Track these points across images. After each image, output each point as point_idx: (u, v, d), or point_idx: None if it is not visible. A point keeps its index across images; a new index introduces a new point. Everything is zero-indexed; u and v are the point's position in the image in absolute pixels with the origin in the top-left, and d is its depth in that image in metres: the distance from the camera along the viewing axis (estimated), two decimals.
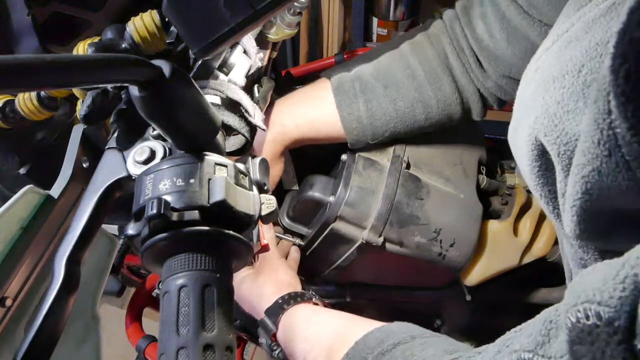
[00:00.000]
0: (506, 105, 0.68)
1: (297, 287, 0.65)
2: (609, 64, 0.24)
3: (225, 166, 0.39)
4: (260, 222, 0.42)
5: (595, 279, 0.24)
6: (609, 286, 0.23)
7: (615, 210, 0.29)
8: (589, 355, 0.23)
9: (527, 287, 0.79)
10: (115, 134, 0.44)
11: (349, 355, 0.47)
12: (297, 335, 0.56)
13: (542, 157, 0.34)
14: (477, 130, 0.77)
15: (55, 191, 0.47)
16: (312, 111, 0.67)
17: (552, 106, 0.32)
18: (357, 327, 0.52)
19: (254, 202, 0.39)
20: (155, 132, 0.43)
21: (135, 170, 0.41)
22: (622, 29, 0.24)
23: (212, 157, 0.38)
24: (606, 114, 0.26)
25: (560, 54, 0.34)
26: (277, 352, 0.59)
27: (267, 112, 0.67)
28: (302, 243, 0.72)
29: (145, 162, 0.41)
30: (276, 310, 0.59)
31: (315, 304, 0.61)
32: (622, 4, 0.31)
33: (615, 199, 0.28)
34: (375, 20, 1.57)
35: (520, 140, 0.37)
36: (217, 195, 0.36)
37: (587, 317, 0.23)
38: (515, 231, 0.72)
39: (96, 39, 0.46)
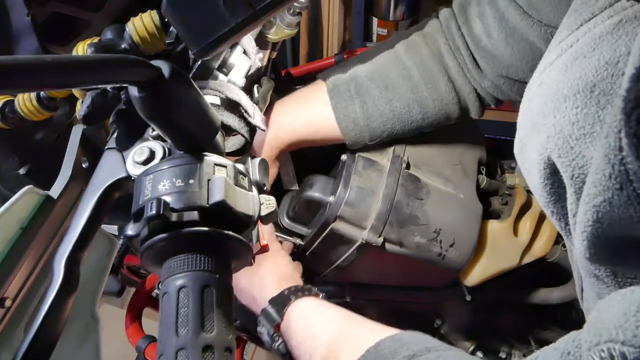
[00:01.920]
0: (503, 103, 0.68)
1: (298, 280, 0.64)
2: (621, 106, 0.25)
3: (225, 167, 0.39)
4: (259, 223, 0.42)
5: (616, 314, 0.24)
6: (631, 324, 0.23)
7: (626, 237, 0.29)
8: None
9: (527, 287, 0.79)
10: (115, 135, 0.44)
11: None
12: (304, 329, 0.56)
13: (554, 175, 0.34)
14: (477, 130, 0.77)
15: (55, 191, 0.47)
16: (308, 114, 0.66)
17: (567, 127, 0.32)
18: (367, 331, 0.52)
19: (254, 203, 0.39)
20: (154, 133, 0.43)
21: (134, 170, 0.41)
22: (634, 74, 0.24)
23: (211, 158, 0.38)
24: (617, 150, 0.26)
25: (566, 69, 0.34)
26: (278, 343, 0.58)
27: (267, 113, 0.67)
28: (302, 243, 0.71)
29: (145, 162, 0.41)
30: (282, 300, 0.58)
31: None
32: (630, 21, 0.31)
33: (626, 227, 0.28)
34: (375, 20, 1.57)
35: (530, 158, 0.37)
36: (217, 196, 0.36)
37: (612, 357, 0.23)
38: (515, 231, 0.72)
39: (96, 39, 0.46)
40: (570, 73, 0.33)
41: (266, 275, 0.62)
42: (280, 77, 0.92)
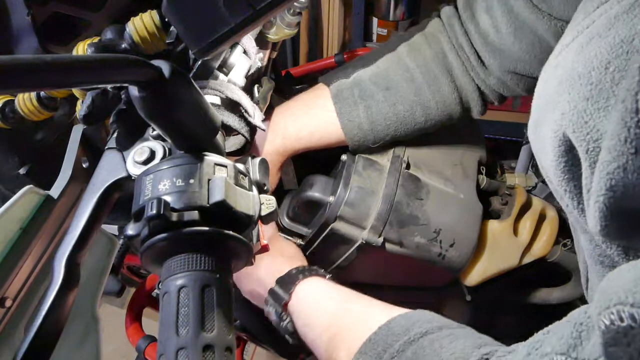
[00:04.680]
0: (506, 100, 0.68)
1: (304, 262, 0.65)
2: (639, 65, 0.24)
3: (225, 166, 0.39)
4: (260, 223, 0.42)
5: (625, 281, 0.24)
6: None
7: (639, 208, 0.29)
8: (625, 356, 0.23)
9: (527, 287, 0.79)
10: (115, 134, 0.44)
11: (372, 340, 0.47)
12: (312, 308, 0.56)
13: (569, 152, 0.34)
14: (477, 130, 0.77)
15: (55, 191, 0.47)
16: (313, 121, 0.66)
17: (581, 102, 0.32)
18: (377, 310, 0.52)
19: (254, 203, 0.39)
20: (154, 133, 0.43)
21: (134, 170, 0.41)
22: None
23: (211, 158, 0.38)
24: (634, 112, 0.26)
25: (582, 50, 0.34)
26: (286, 322, 0.58)
27: (268, 118, 0.67)
28: (302, 243, 0.71)
29: (145, 162, 0.41)
30: (290, 279, 0.58)
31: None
32: None
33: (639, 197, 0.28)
34: (375, 20, 1.57)
35: (544, 136, 0.37)
36: (217, 196, 0.36)
37: (621, 319, 0.24)
38: (515, 231, 0.72)
39: (96, 39, 0.46)
40: (585, 53, 0.33)
41: (276, 256, 0.63)
42: (280, 77, 0.92)
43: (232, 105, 0.52)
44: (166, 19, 0.44)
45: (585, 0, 0.39)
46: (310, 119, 0.67)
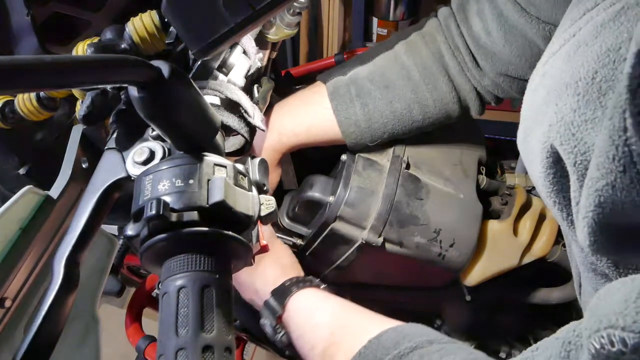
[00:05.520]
0: (503, 101, 0.68)
1: (300, 270, 0.65)
2: (626, 84, 0.24)
3: (225, 167, 0.39)
4: (259, 223, 0.42)
5: (615, 302, 0.24)
6: (631, 310, 0.23)
7: (628, 224, 0.29)
8: None
9: (527, 287, 0.79)
10: (115, 135, 0.44)
11: (362, 354, 0.47)
12: (306, 320, 0.56)
13: (557, 164, 0.34)
14: (477, 130, 0.77)
15: (55, 191, 0.47)
16: (309, 117, 0.66)
17: (568, 114, 0.32)
18: (369, 322, 0.52)
19: (253, 203, 0.39)
20: (154, 133, 0.43)
21: (134, 170, 0.41)
22: (638, 50, 0.24)
23: (211, 158, 0.38)
24: (622, 131, 0.26)
25: (569, 58, 0.34)
26: (280, 335, 0.58)
27: (266, 115, 0.67)
28: (302, 243, 0.71)
29: (145, 162, 0.41)
30: (284, 292, 0.58)
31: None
32: (632, 8, 0.31)
33: (629, 213, 0.28)
34: (375, 20, 1.57)
35: (532, 147, 0.37)
36: (217, 196, 0.36)
37: (612, 344, 0.23)
38: (515, 231, 0.72)
39: (95, 40, 0.46)
40: (572, 62, 0.33)
41: (268, 267, 0.63)
42: (280, 77, 0.92)
43: (231, 106, 0.52)
44: (166, 19, 0.44)
45: (572, 5, 0.39)
46: (307, 115, 0.67)
